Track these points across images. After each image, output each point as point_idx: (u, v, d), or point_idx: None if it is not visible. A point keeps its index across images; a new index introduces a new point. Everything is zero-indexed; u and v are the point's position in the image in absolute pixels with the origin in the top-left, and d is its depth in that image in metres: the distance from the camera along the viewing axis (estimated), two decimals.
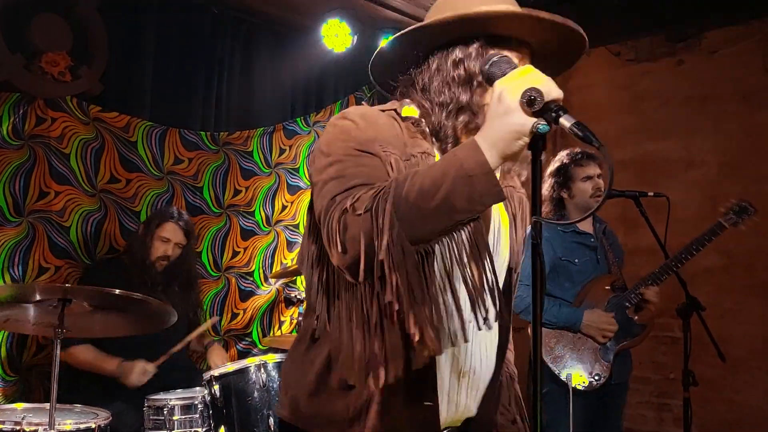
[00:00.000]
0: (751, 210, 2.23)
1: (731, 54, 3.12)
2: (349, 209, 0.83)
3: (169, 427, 2.02)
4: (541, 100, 0.77)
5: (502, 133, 0.79)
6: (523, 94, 0.77)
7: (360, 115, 0.96)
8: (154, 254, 2.34)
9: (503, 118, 0.78)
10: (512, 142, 0.79)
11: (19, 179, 2.36)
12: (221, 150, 2.92)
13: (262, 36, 3.06)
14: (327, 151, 0.93)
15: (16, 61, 2.30)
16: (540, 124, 0.77)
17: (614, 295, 2.27)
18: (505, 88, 0.79)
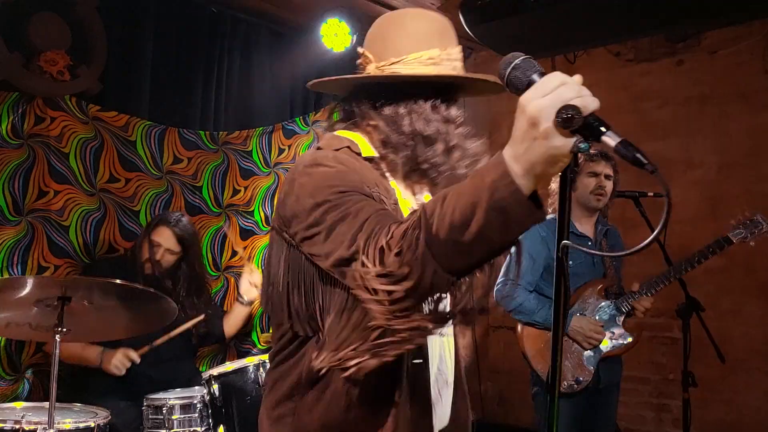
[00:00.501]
0: (763, 225, 2.17)
1: (731, 54, 3.12)
2: (386, 248, 0.79)
3: (168, 426, 2.02)
4: (579, 117, 0.68)
5: (539, 158, 0.70)
6: (557, 113, 0.68)
7: (332, 159, 0.95)
8: (143, 256, 2.31)
9: (540, 142, 0.69)
10: (551, 167, 0.71)
11: (19, 178, 2.35)
12: (220, 149, 2.92)
13: (261, 35, 3.06)
14: (315, 199, 0.89)
15: (15, 60, 2.29)
16: (580, 143, 0.69)
17: (606, 301, 2.26)
18: (537, 107, 0.69)
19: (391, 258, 0.78)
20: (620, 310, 2.25)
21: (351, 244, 0.84)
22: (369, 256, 0.80)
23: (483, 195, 0.73)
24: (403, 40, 1.02)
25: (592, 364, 2.21)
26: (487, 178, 0.74)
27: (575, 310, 2.25)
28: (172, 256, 2.33)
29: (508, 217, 0.73)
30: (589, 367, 2.21)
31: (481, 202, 0.73)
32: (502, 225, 0.73)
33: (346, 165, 0.95)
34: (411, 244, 0.77)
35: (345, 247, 0.84)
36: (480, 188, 0.74)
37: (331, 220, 0.87)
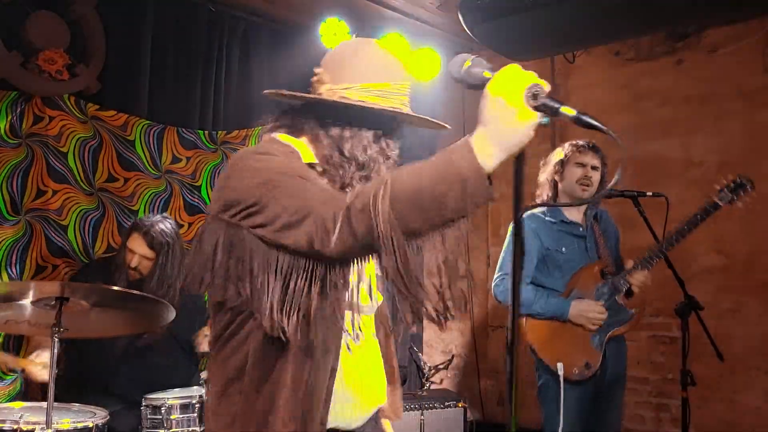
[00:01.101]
0: (748, 185, 2.18)
1: (731, 53, 3.12)
2: (353, 203, 0.87)
3: (167, 426, 2.01)
4: (543, 94, 0.81)
5: (511, 134, 0.82)
6: (527, 89, 0.81)
7: (279, 150, 1.02)
8: (124, 264, 2.23)
9: (511, 120, 0.82)
10: (521, 140, 0.83)
11: (17, 178, 2.35)
12: (219, 149, 2.92)
13: (260, 34, 3.06)
14: (260, 178, 0.95)
15: (13, 59, 2.29)
16: (543, 117, 0.83)
17: (603, 282, 2.27)
18: (504, 90, 0.82)
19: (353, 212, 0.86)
20: (618, 289, 2.25)
21: (301, 207, 0.91)
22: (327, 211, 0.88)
23: (448, 167, 0.84)
24: (358, 69, 1.09)
25: (599, 346, 2.22)
26: (454, 154, 0.85)
27: (574, 296, 2.26)
28: (149, 262, 2.22)
29: (466, 189, 0.83)
30: (597, 349, 2.21)
31: (446, 172, 0.84)
32: (459, 194, 0.83)
33: (290, 157, 1.02)
34: (375, 199, 0.85)
35: (293, 211, 0.91)
36: (446, 161, 0.85)
37: (277, 193, 0.93)
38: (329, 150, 1.07)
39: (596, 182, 2.30)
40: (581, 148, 2.30)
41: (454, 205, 0.83)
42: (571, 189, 2.29)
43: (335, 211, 0.88)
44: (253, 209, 0.95)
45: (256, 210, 0.95)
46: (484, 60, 0.90)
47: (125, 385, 2.20)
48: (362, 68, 1.09)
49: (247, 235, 0.97)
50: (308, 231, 0.89)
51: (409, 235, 0.85)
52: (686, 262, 2.25)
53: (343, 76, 1.09)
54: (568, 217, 2.32)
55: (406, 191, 0.84)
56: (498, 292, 2.28)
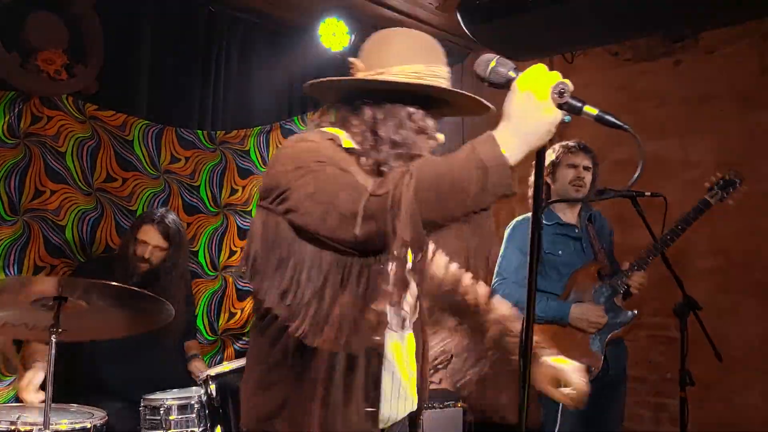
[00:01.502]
0: (737, 181, 2.19)
1: (728, 54, 3.13)
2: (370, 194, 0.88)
3: (166, 426, 2.01)
4: (569, 92, 0.86)
5: (536, 128, 0.86)
6: (554, 87, 0.85)
7: (317, 137, 1.04)
8: (134, 256, 2.27)
9: (537, 114, 0.86)
10: (545, 135, 0.87)
11: (15, 178, 2.35)
12: (218, 149, 2.92)
13: (259, 34, 3.06)
14: (296, 163, 0.96)
15: (12, 59, 2.29)
16: (565, 115, 0.87)
17: (602, 284, 2.28)
18: (532, 85, 0.86)
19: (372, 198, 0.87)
20: (617, 291, 2.26)
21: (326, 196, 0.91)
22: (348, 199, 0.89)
23: (471, 156, 0.86)
24: (390, 54, 1.10)
25: (600, 349, 2.22)
26: (477, 145, 0.87)
27: (572, 299, 2.26)
28: (162, 252, 2.30)
29: (487, 177, 0.84)
30: (598, 353, 2.21)
31: (469, 161, 0.85)
32: (481, 183, 0.84)
33: (330, 145, 1.04)
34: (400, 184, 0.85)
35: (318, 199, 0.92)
36: (470, 151, 0.86)
37: (308, 179, 0.94)
38: (362, 133, 1.07)
39: (589, 182, 2.31)
40: (572, 149, 2.30)
41: (474, 193, 0.84)
42: (564, 190, 2.29)
43: (358, 199, 0.88)
44: (284, 195, 0.97)
45: (286, 195, 0.96)
46: (509, 61, 0.94)
47: (122, 383, 2.20)
48: (394, 52, 1.09)
49: (281, 222, 0.98)
50: (332, 218, 0.90)
51: (428, 225, 0.85)
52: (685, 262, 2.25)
53: (375, 63, 1.09)
54: (563, 220, 2.33)
55: (429, 179, 0.85)
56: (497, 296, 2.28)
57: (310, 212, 0.92)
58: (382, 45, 1.12)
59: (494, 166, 0.84)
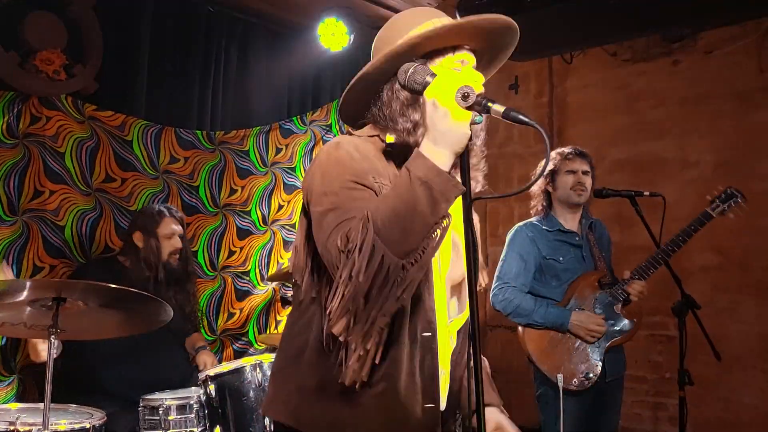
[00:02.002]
0: (738, 196, 2.22)
1: (726, 54, 3.14)
2: (341, 248, 0.93)
3: (165, 427, 2.01)
4: (473, 94, 0.89)
5: (449, 134, 0.91)
6: (458, 91, 0.89)
7: (354, 146, 1.05)
8: (165, 253, 2.33)
9: (446, 121, 0.90)
10: (460, 138, 0.91)
11: (14, 178, 2.34)
12: (217, 149, 2.92)
13: (258, 35, 3.06)
14: (323, 180, 1.02)
15: (11, 59, 2.28)
16: (476, 117, 0.91)
17: (601, 292, 2.28)
18: (437, 94, 0.91)
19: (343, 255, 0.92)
20: (617, 299, 2.26)
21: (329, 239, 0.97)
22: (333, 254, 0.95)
23: (410, 179, 0.90)
24: (396, 30, 1.10)
25: (598, 358, 2.22)
26: (410, 166, 0.92)
27: (572, 306, 2.26)
28: (181, 241, 2.40)
29: (432, 190, 0.89)
30: (596, 360, 2.22)
31: (410, 185, 0.90)
32: (429, 197, 0.89)
33: (361, 153, 1.04)
34: (360, 237, 0.90)
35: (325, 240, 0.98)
36: (407, 176, 0.91)
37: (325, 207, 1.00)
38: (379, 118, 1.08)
39: (590, 186, 2.32)
40: (569, 156, 2.32)
41: (429, 208, 0.89)
42: (567, 196, 2.31)
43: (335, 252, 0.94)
44: (309, 199, 1.04)
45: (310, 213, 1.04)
46: (428, 68, 0.97)
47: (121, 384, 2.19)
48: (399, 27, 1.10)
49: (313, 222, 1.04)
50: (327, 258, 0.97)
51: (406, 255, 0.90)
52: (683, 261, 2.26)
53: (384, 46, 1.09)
54: (564, 227, 2.33)
55: (387, 220, 0.89)
56: (497, 301, 2.28)
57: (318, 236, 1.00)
58: (387, 29, 1.13)
59: (433, 177, 0.89)
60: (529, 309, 2.23)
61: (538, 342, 2.25)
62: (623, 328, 2.27)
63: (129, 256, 2.35)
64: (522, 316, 2.25)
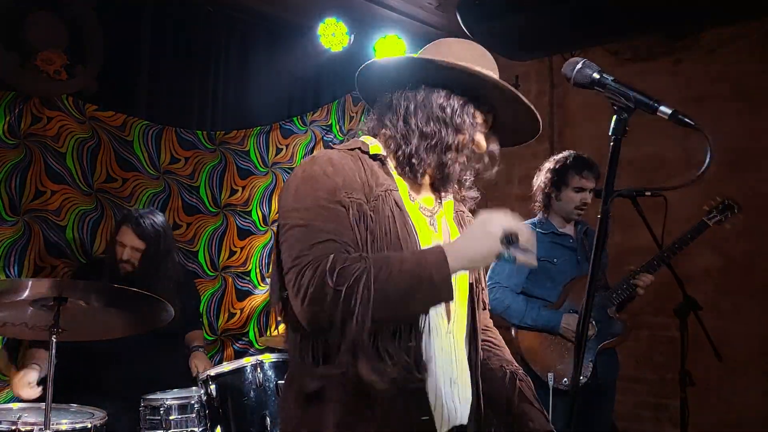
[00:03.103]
0: (735, 207, 2.24)
1: (729, 53, 3.12)
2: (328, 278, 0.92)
3: (166, 426, 2.01)
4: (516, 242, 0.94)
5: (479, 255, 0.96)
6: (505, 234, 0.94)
7: (328, 161, 1.04)
8: (117, 257, 2.23)
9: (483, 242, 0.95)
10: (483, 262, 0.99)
11: (15, 178, 2.35)
12: (218, 149, 2.92)
13: (258, 35, 3.06)
14: (295, 196, 1.02)
15: (12, 59, 2.29)
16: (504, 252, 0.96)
17: (595, 295, 2.28)
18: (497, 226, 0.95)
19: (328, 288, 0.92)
20: (610, 302, 2.26)
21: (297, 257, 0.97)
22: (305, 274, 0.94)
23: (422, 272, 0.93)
24: (447, 52, 1.10)
25: (590, 358, 2.22)
26: (428, 259, 0.95)
27: (566, 308, 2.27)
28: (139, 253, 2.22)
29: (433, 292, 0.94)
30: (587, 362, 2.22)
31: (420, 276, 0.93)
32: (427, 296, 0.94)
33: (335, 168, 1.03)
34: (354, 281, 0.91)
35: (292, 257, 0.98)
36: (421, 267, 0.94)
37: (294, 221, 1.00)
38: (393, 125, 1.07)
39: (589, 197, 2.33)
40: (585, 174, 2.28)
41: (420, 304, 0.96)
42: (568, 212, 2.32)
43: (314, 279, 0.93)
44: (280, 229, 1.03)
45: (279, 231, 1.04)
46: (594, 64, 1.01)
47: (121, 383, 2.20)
48: (450, 52, 1.09)
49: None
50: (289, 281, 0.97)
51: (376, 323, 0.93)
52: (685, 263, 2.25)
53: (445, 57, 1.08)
54: (558, 230, 2.35)
55: (383, 286, 0.92)
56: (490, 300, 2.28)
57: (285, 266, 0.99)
58: (441, 46, 1.12)
59: (440, 282, 0.93)
60: (520, 310, 2.24)
61: (530, 342, 2.26)
62: (615, 331, 2.28)
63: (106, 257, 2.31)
64: (513, 317, 2.26)
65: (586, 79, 0.99)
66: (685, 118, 0.91)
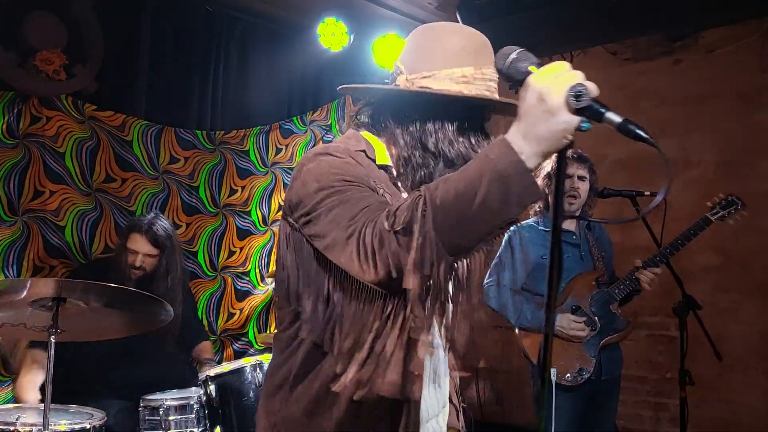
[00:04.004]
0: (738, 204, 2.24)
1: (728, 53, 3.13)
2: (387, 225, 0.81)
3: (165, 427, 2.01)
4: (587, 95, 0.75)
5: (547, 133, 0.76)
6: (571, 88, 0.75)
7: (343, 151, 0.96)
8: (126, 264, 2.26)
9: (548, 118, 0.76)
10: (558, 141, 0.77)
11: (14, 178, 2.34)
12: (217, 149, 2.91)
13: (258, 34, 3.05)
14: (320, 183, 0.91)
15: (11, 59, 2.28)
16: (583, 122, 0.76)
17: (598, 291, 2.28)
18: (546, 85, 0.76)
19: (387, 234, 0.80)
20: (613, 298, 2.27)
21: (348, 225, 0.85)
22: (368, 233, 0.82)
23: (486, 168, 0.77)
24: (437, 55, 1.00)
25: (592, 354, 2.23)
26: (491, 153, 0.78)
27: (568, 304, 2.27)
28: (153, 259, 2.29)
29: (509, 188, 0.76)
30: (590, 356, 2.23)
31: (485, 174, 0.77)
32: (503, 195, 0.76)
33: (355, 159, 0.96)
34: (415, 217, 0.78)
35: (342, 227, 0.86)
36: (484, 162, 0.78)
37: (332, 203, 0.88)
38: (409, 149, 0.98)
39: (584, 192, 2.30)
40: (572, 161, 2.28)
41: (498, 209, 0.77)
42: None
43: (374, 231, 0.82)
44: (308, 217, 0.92)
45: (311, 219, 0.91)
46: (532, 54, 0.84)
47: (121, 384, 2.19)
48: (441, 54, 0.99)
49: (305, 243, 0.95)
50: (350, 252, 0.84)
51: (455, 251, 0.79)
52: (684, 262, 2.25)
53: (420, 64, 1.00)
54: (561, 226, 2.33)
55: (447, 205, 0.77)
56: (488, 298, 2.29)
57: (332, 244, 0.87)
58: (428, 44, 1.01)
59: (514, 175, 0.76)
60: (517, 311, 2.24)
61: (533, 337, 2.26)
62: (617, 327, 2.29)
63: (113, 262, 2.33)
64: (511, 317, 2.27)
65: (520, 75, 0.82)
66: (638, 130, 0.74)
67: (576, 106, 0.75)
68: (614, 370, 2.31)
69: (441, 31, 1.04)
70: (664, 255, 2.21)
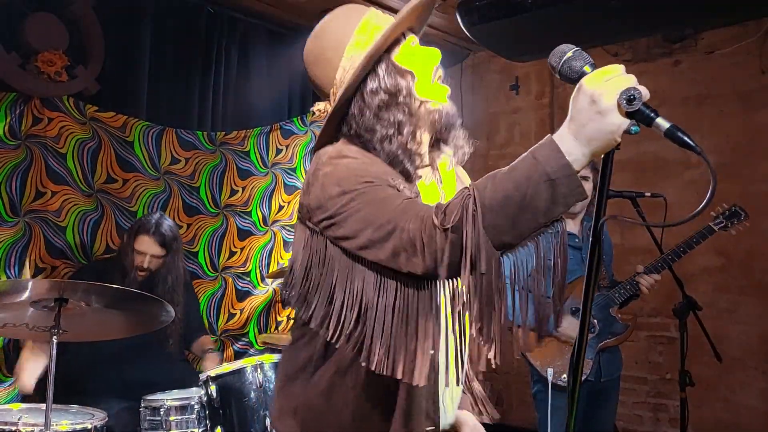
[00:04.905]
0: (742, 214, 2.25)
1: (728, 54, 3.13)
2: (437, 222, 0.82)
3: (166, 427, 2.01)
4: (639, 99, 0.76)
5: (597, 133, 0.78)
6: (624, 92, 0.76)
7: (357, 151, 0.97)
8: (132, 265, 2.27)
9: (599, 120, 0.77)
10: (607, 142, 0.79)
11: (16, 179, 2.35)
12: (218, 150, 2.92)
13: (258, 35, 3.06)
14: (342, 187, 0.91)
15: (12, 60, 2.29)
16: (633, 125, 0.77)
17: (598, 294, 2.29)
18: (599, 87, 0.77)
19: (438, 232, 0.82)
20: (613, 302, 2.27)
21: (384, 224, 0.86)
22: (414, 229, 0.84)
23: (534, 170, 0.79)
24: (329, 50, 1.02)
25: (589, 356, 2.23)
26: (539, 154, 0.80)
27: (569, 305, 2.28)
28: (159, 260, 2.30)
29: (556, 190, 0.79)
30: (588, 358, 2.23)
31: (532, 176, 0.79)
32: (550, 197, 0.79)
33: (368, 157, 0.97)
34: (466, 216, 0.81)
35: (376, 227, 0.87)
36: (531, 165, 0.80)
37: (357, 206, 0.89)
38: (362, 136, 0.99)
39: (588, 192, 2.31)
40: None
41: (545, 209, 0.80)
42: None
43: (422, 226, 0.83)
44: (333, 221, 0.91)
45: (337, 222, 0.91)
46: (587, 54, 0.84)
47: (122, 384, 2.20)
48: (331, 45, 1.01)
49: (329, 245, 0.94)
50: (393, 248, 0.85)
51: (502, 248, 0.82)
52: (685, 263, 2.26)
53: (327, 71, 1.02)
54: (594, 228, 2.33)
55: (495, 204, 0.80)
56: None
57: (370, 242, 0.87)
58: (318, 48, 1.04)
59: (561, 177, 0.78)
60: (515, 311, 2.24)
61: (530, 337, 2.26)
62: (616, 330, 2.29)
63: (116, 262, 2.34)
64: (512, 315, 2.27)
65: (573, 74, 0.82)
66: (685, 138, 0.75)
67: (627, 109, 0.76)
68: (614, 371, 2.32)
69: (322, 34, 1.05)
70: (666, 262, 2.22)
